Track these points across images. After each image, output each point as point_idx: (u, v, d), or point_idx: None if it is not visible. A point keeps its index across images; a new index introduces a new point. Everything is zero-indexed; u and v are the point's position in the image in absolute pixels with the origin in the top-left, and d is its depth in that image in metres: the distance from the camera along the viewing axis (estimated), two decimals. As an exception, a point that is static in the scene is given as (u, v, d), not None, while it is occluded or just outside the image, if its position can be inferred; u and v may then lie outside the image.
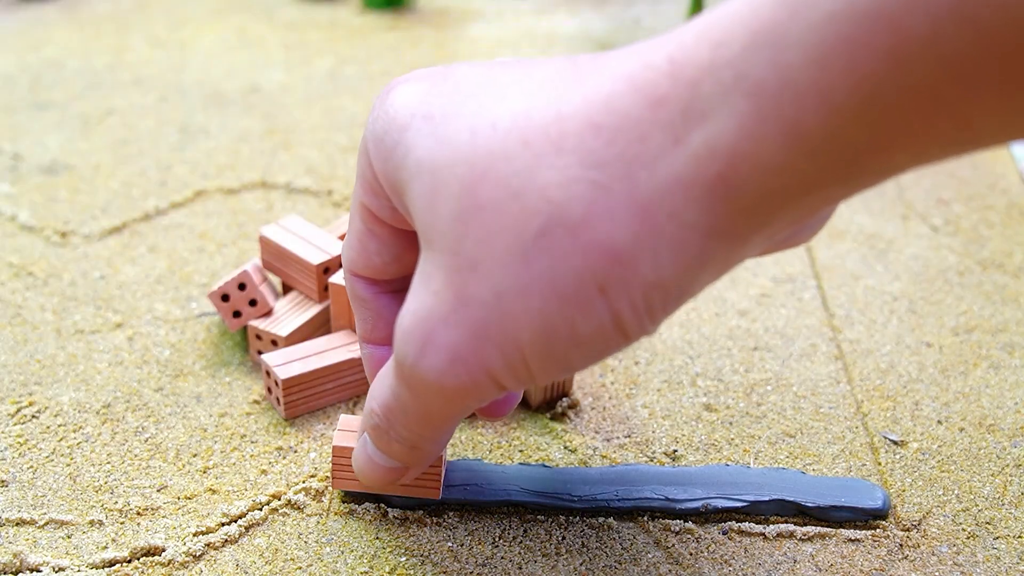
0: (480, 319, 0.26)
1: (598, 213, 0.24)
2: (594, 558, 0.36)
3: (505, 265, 0.25)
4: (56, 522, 0.38)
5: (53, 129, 0.66)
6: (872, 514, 0.38)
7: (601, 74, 0.25)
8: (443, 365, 0.27)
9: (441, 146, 0.27)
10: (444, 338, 0.27)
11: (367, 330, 0.35)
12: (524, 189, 0.25)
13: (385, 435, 0.32)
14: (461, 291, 0.26)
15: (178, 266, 0.52)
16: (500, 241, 0.25)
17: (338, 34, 0.83)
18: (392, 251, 0.33)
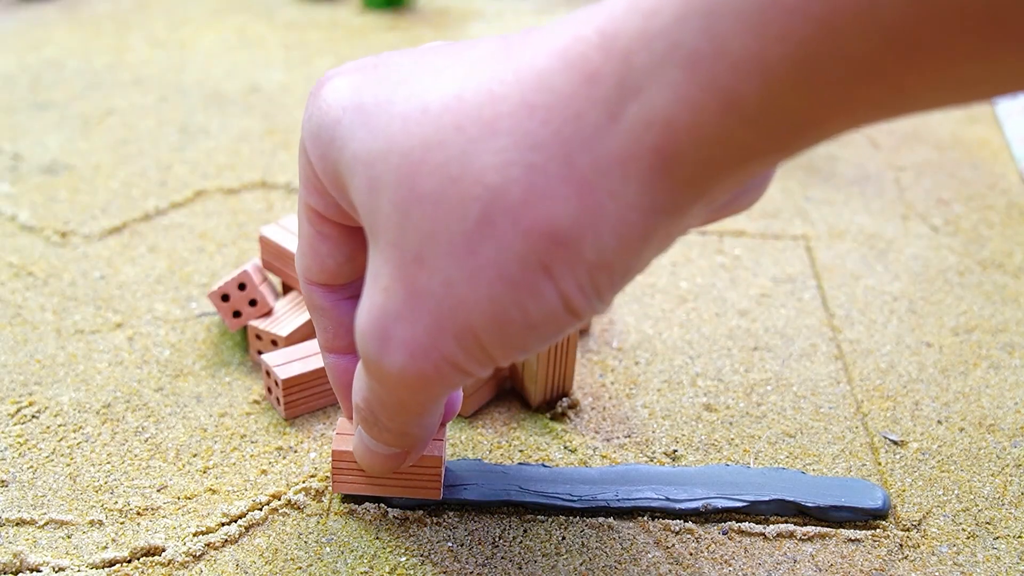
0: (432, 311, 0.26)
1: (537, 196, 0.24)
2: (594, 558, 0.36)
3: (450, 255, 0.25)
4: (56, 522, 0.38)
5: (53, 129, 0.66)
6: (872, 514, 0.38)
7: (533, 50, 0.25)
8: (404, 360, 0.27)
9: (374, 137, 0.26)
10: (400, 334, 0.27)
11: (328, 339, 0.35)
12: (461, 176, 0.24)
13: (374, 426, 0.32)
14: (410, 285, 0.26)
15: (178, 266, 0.52)
16: (443, 231, 0.25)
17: (338, 34, 0.83)
18: (344, 252, 0.32)
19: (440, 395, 0.29)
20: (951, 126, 0.68)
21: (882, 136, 0.67)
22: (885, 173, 0.63)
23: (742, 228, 0.56)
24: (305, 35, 0.83)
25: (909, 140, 0.67)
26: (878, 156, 0.65)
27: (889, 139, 0.67)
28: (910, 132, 0.68)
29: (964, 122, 0.69)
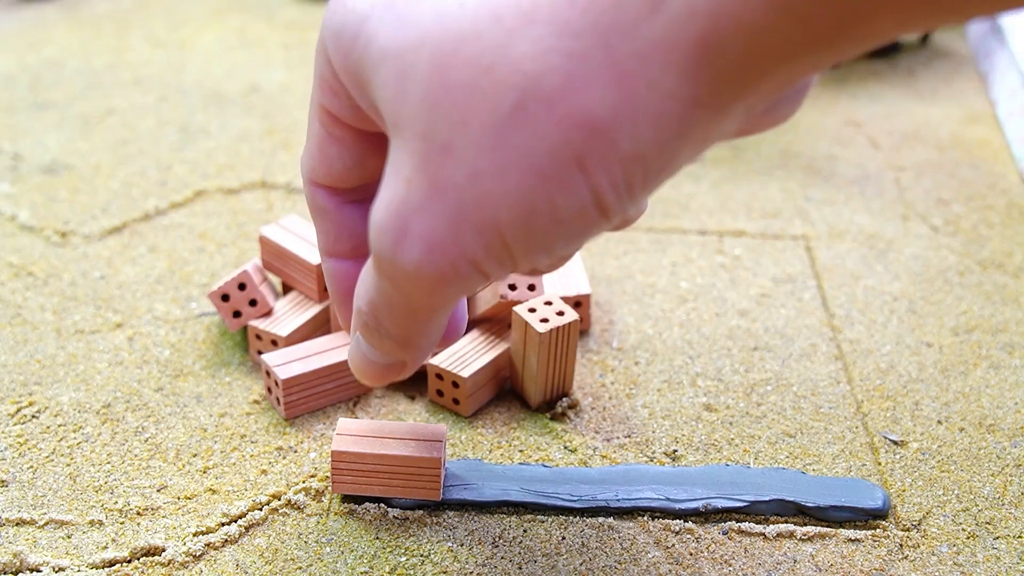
0: (456, 203, 0.25)
1: (574, 83, 0.24)
2: (594, 558, 0.36)
3: (480, 145, 0.25)
4: (56, 522, 0.38)
5: (53, 129, 0.66)
6: (872, 514, 0.38)
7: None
8: (421, 254, 0.26)
9: (405, 30, 0.26)
10: (420, 226, 0.26)
11: (329, 243, 0.34)
12: (496, 64, 0.24)
13: (375, 332, 0.31)
14: (435, 176, 0.25)
15: (178, 266, 0.52)
16: (473, 120, 0.24)
17: (338, 34, 0.83)
18: (354, 155, 0.32)
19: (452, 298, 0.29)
20: (951, 126, 0.68)
21: (882, 136, 0.67)
22: (885, 173, 0.63)
23: (742, 228, 0.56)
24: (305, 35, 0.83)
25: (909, 140, 0.67)
26: (878, 156, 0.65)
27: (889, 139, 0.67)
28: (910, 132, 0.68)
29: (964, 122, 0.69)
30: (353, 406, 0.43)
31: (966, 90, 0.73)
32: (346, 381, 0.43)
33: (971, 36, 0.81)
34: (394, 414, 0.43)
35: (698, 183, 0.61)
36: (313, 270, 0.45)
